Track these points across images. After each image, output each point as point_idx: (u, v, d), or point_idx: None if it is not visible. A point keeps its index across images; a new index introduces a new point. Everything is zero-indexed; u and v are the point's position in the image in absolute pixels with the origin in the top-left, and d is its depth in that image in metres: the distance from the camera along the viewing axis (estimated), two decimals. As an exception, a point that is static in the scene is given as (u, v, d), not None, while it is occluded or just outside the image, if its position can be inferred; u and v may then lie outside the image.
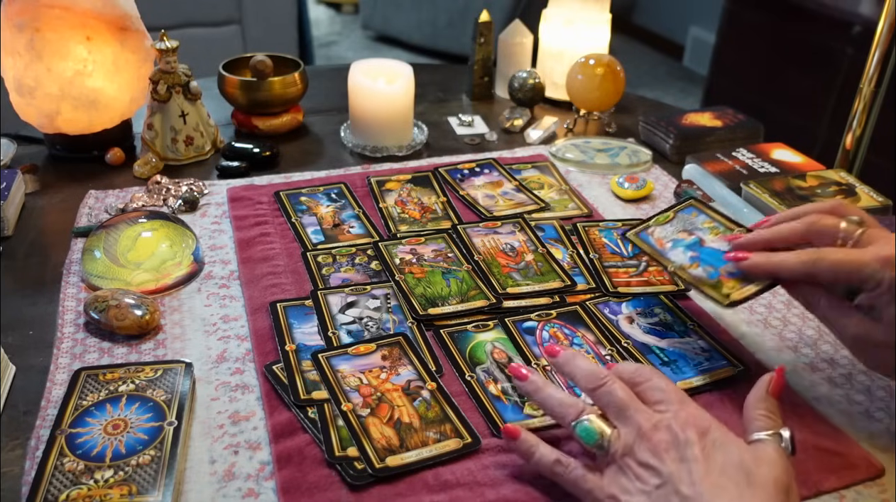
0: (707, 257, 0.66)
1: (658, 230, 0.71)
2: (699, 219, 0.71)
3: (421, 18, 3.69)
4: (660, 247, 0.69)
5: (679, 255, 0.67)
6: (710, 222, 0.70)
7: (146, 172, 0.98)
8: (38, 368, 0.65)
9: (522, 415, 0.61)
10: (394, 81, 1.03)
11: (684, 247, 0.68)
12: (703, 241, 0.68)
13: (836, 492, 0.56)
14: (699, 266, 0.66)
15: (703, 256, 0.66)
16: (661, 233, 0.70)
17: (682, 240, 0.69)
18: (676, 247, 0.68)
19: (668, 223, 0.71)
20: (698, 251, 0.67)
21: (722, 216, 0.70)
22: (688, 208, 0.72)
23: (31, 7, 0.91)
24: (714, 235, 0.68)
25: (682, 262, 0.67)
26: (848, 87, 2.07)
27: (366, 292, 0.75)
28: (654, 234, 0.70)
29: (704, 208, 0.72)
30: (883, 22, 0.99)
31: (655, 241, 0.70)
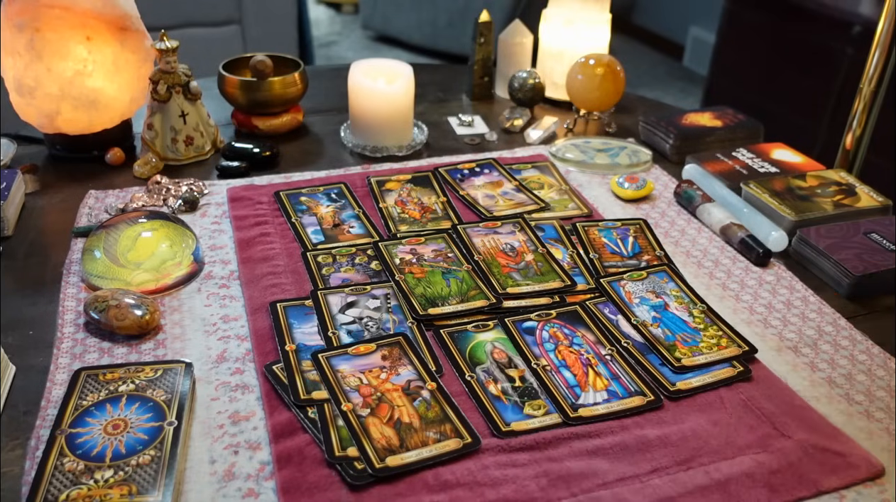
0: (668, 321, 0.72)
1: (630, 285, 0.76)
2: (668, 286, 0.77)
3: (421, 18, 3.68)
4: (628, 300, 0.74)
5: (644, 313, 0.73)
6: (678, 291, 0.76)
7: (146, 172, 0.98)
8: (38, 368, 0.65)
9: (522, 415, 0.61)
10: (394, 81, 1.03)
11: (650, 307, 0.74)
12: (667, 306, 0.74)
13: (836, 492, 0.56)
14: (659, 326, 0.71)
15: (664, 320, 0.72)
16: (632, 287, 0.76)
17: (649, 299, 0.75)
18: (643, 304, 0.74)
19: (641, 281, 0.77)
20: (661, 314, 0.73)
21: (688, 288, 0.76)
22: (660, 272, 0.78)
23: (31, 7, 0.91)
24: (678, 304, 0.74)
25: (644, 319, 0.72)
26: (848, 87, 2.08)
27: (366, 292, 0.75)
28: (626, 287, 0.76)
29: (675, 277, 0.78)
30: (883, 22, 0.99)
31: (625, 294, 0.75)
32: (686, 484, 0.56)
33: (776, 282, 0.80)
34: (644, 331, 0.70)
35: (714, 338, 0.70)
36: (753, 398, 0.64)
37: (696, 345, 0.69)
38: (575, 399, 0.63)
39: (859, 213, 0.89)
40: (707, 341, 0.69)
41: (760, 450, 0.59)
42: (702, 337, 0.70)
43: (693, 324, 0.72)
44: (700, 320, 0.72)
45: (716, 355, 0.68)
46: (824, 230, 0.84)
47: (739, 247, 0.85)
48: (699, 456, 0.58)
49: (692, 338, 0.70)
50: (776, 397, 0.64)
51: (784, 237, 0.85)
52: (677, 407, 0.63)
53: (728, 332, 0.71)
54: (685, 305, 0.74)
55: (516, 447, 0.58)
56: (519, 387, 0.64)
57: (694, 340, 0.69)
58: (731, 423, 0.61)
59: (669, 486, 0.55)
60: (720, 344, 0.69)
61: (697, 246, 0.87)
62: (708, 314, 0.73)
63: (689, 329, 0.71)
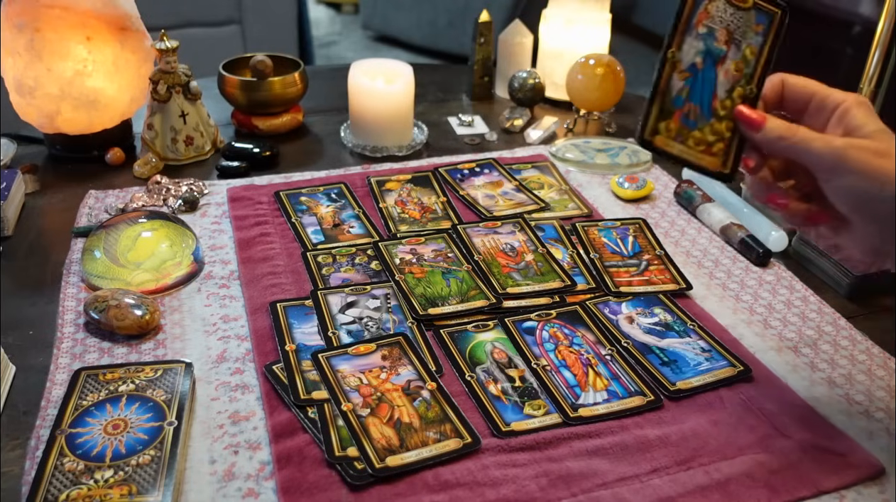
0: (699, 80, 0.59)
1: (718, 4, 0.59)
2: (753, 38, 0.60)
3: (421, 18, 3.68)
4: (695, 22, 0.59)
5: (689, 50, 0.59)
6: (753, 53, 0.60)
7: (146, 172, 0.98)
8: (38, 368, 0.65)
9: (522, 415, 0.61)
10: (394, 81, 1.03)
11: (703, 50, 0.59)
12: (722, 60, 0.59)
13: (836, 492, 0.56)
14: (683, 80, 0.59)
15: (698, 74, 0.59)
16: (717, 9, 0.59)
17: (714, 38, 0.59)
18: (702, 40, 0.59)
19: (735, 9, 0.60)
20: (705, 64, 0.59)
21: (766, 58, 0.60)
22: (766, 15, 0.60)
23: (31, 7, 0.91)
24: (735, 69, 0.60)
25: (680, 58, 0.59)
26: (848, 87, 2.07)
27: (366, 292, 0.75)
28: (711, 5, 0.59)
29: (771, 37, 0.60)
30: (883, 22, 0.99)
31: (700, 12, 0.59)
32: (686, 484, 0.56)
33: (776, 282, 0.80)
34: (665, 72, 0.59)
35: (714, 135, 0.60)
36: (753, 398, 0.64)
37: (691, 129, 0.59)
38: (575, 399, 0.63)
39: (859, 213, 0.89)
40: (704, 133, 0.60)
41: (760, 450, 0.59)
42: (706, 124, 0.60)
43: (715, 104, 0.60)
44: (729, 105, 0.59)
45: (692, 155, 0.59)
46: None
47: (739, 247, 0.85)
48: (699, 456, 0.58)
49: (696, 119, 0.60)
50: (776, 397, 0.64)
51: (784, 237, 0.85)
52: (677, 407, 0.63)
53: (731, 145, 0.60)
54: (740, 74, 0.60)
55: (516, 447, 0.58)
56: (519, 387, 0.64)
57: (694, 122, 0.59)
58: (731, 423, 0.61)
59: (669, 486, 0.55)
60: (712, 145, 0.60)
61: (697, 246, 0.87)
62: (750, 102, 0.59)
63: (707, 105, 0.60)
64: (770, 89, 0.60)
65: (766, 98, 0.60)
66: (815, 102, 0.58)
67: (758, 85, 0.60)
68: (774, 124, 0.57)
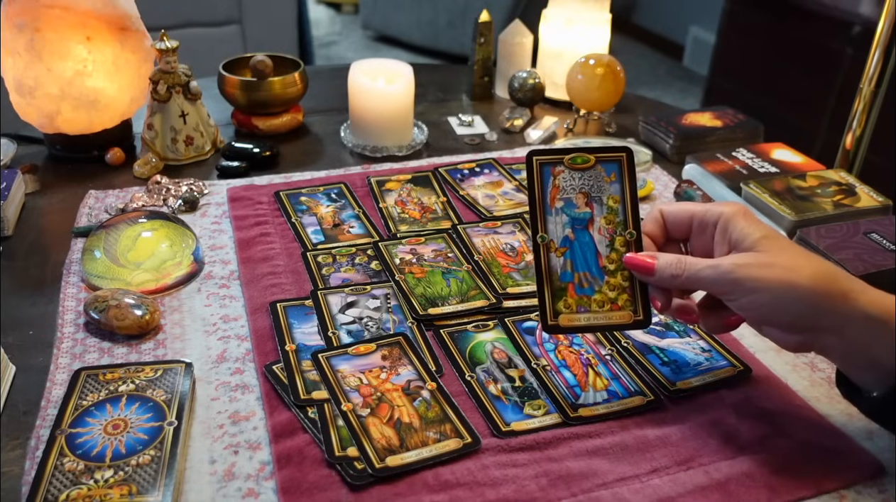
0: (577, 250, 0.60)
1: (565, 175, 0.61)
2: (610, 189, 0.61)
3: (421, 18, 3.68)
4: (549, 201, 0.61)
5: (556, 228, 0.60)
6: (617, 201, 0.61)
7: (146, 172, 0.98)
8: (38, 368, 0.65)
9: (522, 415, 0.61)
10: (394, 81, 1.03)
11: (568, 220, 0.60)
12: (590, 224, 0.61)
13: (836, 492, 0.56)
14: (563, 255, 0.60)
15: (575, 246, 0.60)
16: (565, 181, 0.61)
17: (574, 206, 0.61)
18: (563, 213, 0.60)
19: (581, 171, 0.61)
20: (577, 234, 0.60)
21: (632, 200, 0.61)
22: (613, 163, 0.61)
23: (31, 7, 0.91)
24: (606, 223, 0.61)
25: (552, 239, 0.60)
26: (848, 87, 2.07)
27: (366, 292, 0.75)
28: (557, 178, 0.61)
29: (627, 178, 0.61)
30: (883, 22, 0.99)
31: (551, 189, 0.61)
32: (686, 484, 0.56)
33: (776, 282, 0.80)
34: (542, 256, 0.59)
35: (614, 290, 0.60)
36: (753, 398, 0.64)
37: (590, 295, 0.59)
38: (575, 399, 0.63)
39: (859, 213, 0.89)
40: (604, 293, 0.60)
41: (760, 450, 0.59)
42: (602, 285, 0.60)
43: (603, 262, 0.60)
44: (616, 258, 0.60)
45: (602, 318, 0.59)
46: (824, 230, 0.84)
47: (739, 247, 0.85)
48: (699, 456, 0.58)
49: (590, 285, 0.59)
50: (776, 397, 0.64)
51: (784, 236, 0.85)
52: (677, 407, 0.63)
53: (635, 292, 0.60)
54: (613, 226, 0.60)
55: (516, 447, 0.58)
56: (519, 387, 0.64)
57: (590, 288, 0.59)
58: (731, 423, 0.61)
59: (669, 486, 0.55)
60: (617, 301, 0.60)
61: (697, 246, 0.86)
62: (633, 246, 0.60)
63: (594, 268, 0.60)
64: (651, 223, 0.62)
65: (651, 233, 0.62)
66: (696, 223, 0.60)
67: (634, 226, 0.61)
68: (664, 262, 0.58)
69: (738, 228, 0.57)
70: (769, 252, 0.55)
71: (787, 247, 0.56)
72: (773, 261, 0.54)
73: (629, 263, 0.59)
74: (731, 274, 0.55)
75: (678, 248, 0.63)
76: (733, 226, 0.57)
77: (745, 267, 0.55)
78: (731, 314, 0.59)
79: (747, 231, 0.57)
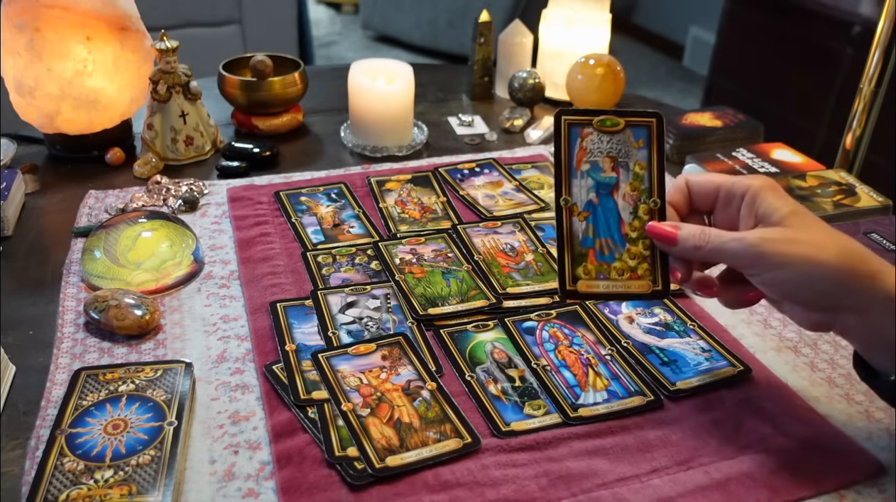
0: (600, 214, 0.59)
1: (593, 137, 0.60)
2: (637, 154, 0.60)
3: (421, 18, 3.69)
4: (576, 164, 0.59)
5: (581, 191, 0.59)
6: (643, 167, 0.60)
7: (146, 172, 0.98)
8: (38, 368, 0.65)
9: (522, 415, 0.61)
10: (394, 81, 1.03)
11: (594, 184, 0.59)
12: (615, 189, 0.59)
13: (836, 492, 0.56)
14: (585, 220, 0.59)
15: (598, 210, 0.59)
16: (593, 143, 0.59)
17: (600, 169, 0.59)
18: (589, 176, 0.59)
19: (610, 135, 0.60)
20: (601, 199, 0.59)
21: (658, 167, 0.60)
22: (641, 129, 0.60)
23: (31, 7, 0.91)
24: (631, 189, 0.59)
25: (575, 202, 0.59)
26: (848, 87, 2.07)
27: (366, 292, 0.75)
28: (585, 140, 0.59)
29: (655, 143, 0.60)
30: (883, 22, 0.99)
31: (578, 151, 0.59)
32: (686, 484, 0.56)
33: (776, 282, 0.80)
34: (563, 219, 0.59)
35: (635, 258, 0.59)
36: (753, 398, 0.64)
37: (610, 261, 0.58)
38: (575, 399, 0.63)
39: (859, 213, 0.89)
40: (624, 260, 0.59)
41: (760, 450, 0.59)
42: (622, 253, 0.59)
43: (625, 229, 0.60)
44: (638, 225, 0.59)
45: (621, 285, 0.58)
46: (824, 230, 0.84)
47: (739, 247, 0.85)
48: (699, 456, 0.58)
49: (610, 252, 0.58)
50: (776, 397, 0.64)
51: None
52: (677, 407, 0.63)
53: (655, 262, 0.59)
54: (636, 194, 0.60)
55: (516, 447, 0.58)
56: (519, 387, 0.64)
57: (611, 255, 0.58)
58: (731, 423, 0.61)
59: (669, 486, 0.55)
60: (637, 269, 0.59)
61: (697, 246, 0.86)
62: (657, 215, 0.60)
63: (616, 234, 0.59)
64: (676, 193, 0.61)
65: (676, 203, 0.60)
66: (722, 194, 0.59)
67: (659, 195, 0.60)
68: (687, 233, 0.57)
69: (767, 202, 0.56)
70: (796, 228, 0.54)
71: (814, 224, 0.55)
72: (801, 237, 0.54)
73: (652, 232, 0.58)
74: (757, 247, 0.54)
75: (702, 220, 0.61)
76: (761, 200, 0.56)
77: (772, 241, 0.54)
78: (750, 289, 0.58)
79: (776, 205, 0.55)
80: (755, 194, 0.57)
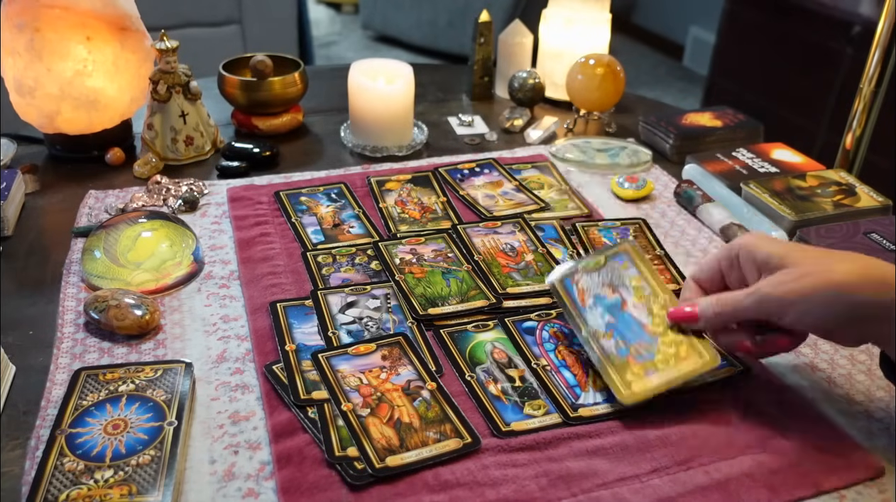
0: (623, 327, 0.64)
1: (584, 279, 0.66)
2: (628, 274, 0.67)
3: (421, 18, 3.68)
4: (580, 303, 0.65)
5: (596, 319, 0.64)
6: (639, 279, 0.66)
7: (146, 172, 0.98)
8: (38, 368, 0.65)
9: (522, 415, 0.61)
10: (394, 81, 1.03)
11: (604, 309, 0.65)
12: (624, 304, 0.65)
13: (836, 492, 0.56)
14: (612, 337, 0.63)
15: (619, 325, 0.64)
16: (587, 283, 0.66)
17: (605, 297, 0.66)
18: (597, 305, 0.65)
19: (597, 271, 0.67)
20: (616, 317, 0.64)
21: (651, 275, 0.67)
22: (619, 255, 0.67)
23: (31, 7, 0.91)
24: (637, 299, 0.65)
25: (596, 328, 0.63)
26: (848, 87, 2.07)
27: (366, 292, 0.75)
28: (580, 284, 0.66)
29: (638, 260, 0.67)
30: (883, 22, 0.99)
31: (578, 294, 0.66)
32: (686, 484, 0.56)
33: (776, 282, 0.80)
34: (594, 346, 0.63)
35: (672, 345, 0.62)
36: (753, 398, 0.64)
37: (651, 359, 0.61)
38: (575, 399, 0.63)
39: (859, 213, 0.89)
40: (664, 351, 0.62)
41: (760, 450, 0.59)
42: (658, 346, 0.62)
43: (651, 329, 0.63)
44: (660, 321, 0.63)
45: (672, 372, 0.60)
46: (824, 230, 0.84)
47: (739, 247, 0.85)
48: (699, 456, 0.58)
49: (647, 351, 0.62)
50: (776, 397, 0.64)
51: (784, 237, 0.85)
52: (677, 407, 0.63)
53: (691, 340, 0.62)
54: (645, 300, 0.64)
55: (516, 447, 0.58)
56: (519, 387, 0.64)
57: (649, 353, 0.62)
58: (731, 423, 0.61)
59: (669, 486, 0.55)
60: (678, 353, 0.61)
61: (697, 246, 0.87)
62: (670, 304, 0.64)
63: (645, 336, 0.63)
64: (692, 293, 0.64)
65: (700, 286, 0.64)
66: (723, 265, 0.62)
67: (664, 291, 0.65)
68: (705, 305, 0.61)
69: (761, 252, 0.58)
70: (798, 264, 0.56)
71: (812, 254, 0.57)
72: (805, 270, 0.56)
73: (673, 318, 0.62)
74: (771, 295, 0.56)
75: None
76: (756, 251, 0.59)
77: (781, 285, 0.56)
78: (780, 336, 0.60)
79: (770, 251, 0.58)
80: (748, 250, 0.59)
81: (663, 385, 0.61)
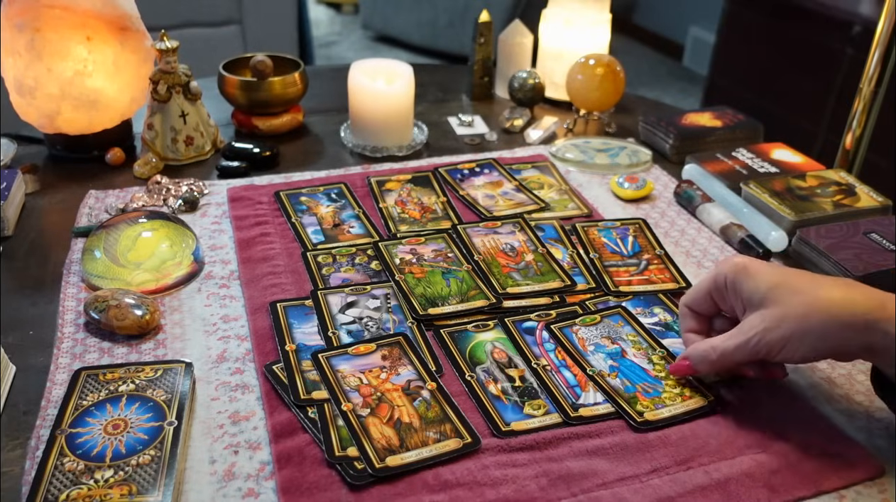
0: (627, 370, 0.66)
1: (583, 330, 0.70)
2: (624, 330, 0.70)
3: (421, 18, 3.68)
4: (581, 348, 0.68)
5: (600, 362, 0.67)
6: (634, 335, 0.70)
7: (146, 172, 0.98)
8: (38, 368, 0.65)
9: (522, 415, 0.61)
10: (394, 81, 1.03)
11: (605, 355, 0.68)
12: (624, 353, 0.68)
13: (836, 492, 0.56)
14: (618, 376, 0.65)
15: (622, 368, 0.66)
16: (586, 333, 0.70)
17: (604, 346, 0.69)
18: (598, 351, 0.68)
19: (594, 326, 0.71)
20: (619, 362, 0.67)
21: (646, 332, 0.70)
22: (615, 316, 0.72)
23: (31, 7, 0.91)
24: (636, 350, 0.68)
25: (601, 369, 0.66)
26: (848, 87, 2.07)
27: (366, 292, 0.75)
28: (578, 334, 0.70)
29: (631, 320, 0.72)
30: (883, 22, 0.99)
31: (578, 341, 0.69)
32: (686, 484, 0.56)
33: (776, 282, 0.80)
34: (602, 383, 0.64)
35: (676, 387, 0.64)
36: (753, 398, 0.64)
37: (659, 395, 0.63)
38: (575, 399, 0.63)
39: (859, 213, 0.89)
40: (669, 391, 0.64)
41: (760, 450, 0.59)
42: (663, 386, 0.64)
43: (653, 373, 0.66)
44: (661, 368, 0.66)
45: (681, 407, 0.62)
46: (824, 230, 0.84)
47: (739, 247, 0.85)
48: (699, 456, 0.58)
49: (654, 389, 0.64)
50: (776, 397, 0.64)
51: (784, 237, 0.85)
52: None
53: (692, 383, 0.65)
54: (643, 351, 0.68)
55: (516, 447, 0.58)
56: (519, 387, 0.64)
57: (656, 390, 0.64)
58: (731, 423, 0.61)
59: (669, 486, 0.55)
60: (683, 394, 0.63)
61: (697, 246, 0.87)
62: (668, 360, 0.67)
63: (649, 378, 0.65)
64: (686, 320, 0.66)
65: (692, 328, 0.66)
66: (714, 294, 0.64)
67: (660, 346, 0.69)
68: (698, 356, 0.62)
69: (745, 288, 0.60)
70: (780, 304, 0.57)
71: (794, 289, 0.57)
72: (789, 312, 0.57)
73: (674, 373, 0.65)
74: (759, 343, 0.58)
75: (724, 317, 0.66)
76: (740, 287, 0.60)
77: (766, 331, 0.57)
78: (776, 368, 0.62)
79: (753, 287, 0.59)
80: (733, 282, 0.61)
81: (674, 417, 0.62)
